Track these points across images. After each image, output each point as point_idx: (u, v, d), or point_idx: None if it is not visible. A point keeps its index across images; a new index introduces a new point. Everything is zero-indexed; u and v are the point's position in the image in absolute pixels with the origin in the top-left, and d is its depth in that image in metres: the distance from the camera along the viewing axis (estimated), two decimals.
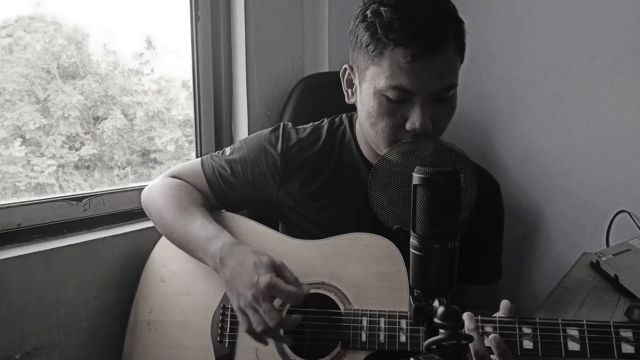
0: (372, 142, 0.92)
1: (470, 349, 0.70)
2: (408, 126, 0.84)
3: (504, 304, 0.77)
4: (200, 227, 0.92)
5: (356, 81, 0.91)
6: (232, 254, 0.85)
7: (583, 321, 0.75)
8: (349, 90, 0.95)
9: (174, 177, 1.05)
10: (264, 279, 0.80)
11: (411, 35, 0.78)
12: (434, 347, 0.51)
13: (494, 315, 0.79)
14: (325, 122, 1.05)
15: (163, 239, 1.03)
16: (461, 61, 0.87)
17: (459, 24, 0.85)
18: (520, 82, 1.45)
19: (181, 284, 0.99)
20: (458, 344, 0.50)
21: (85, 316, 1.00)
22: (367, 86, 0.86)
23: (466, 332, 0.72)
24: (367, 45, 0.83)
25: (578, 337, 0.74)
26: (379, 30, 0.80)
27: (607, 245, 1.34)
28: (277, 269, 0.83)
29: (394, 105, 0.83)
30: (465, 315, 0.73)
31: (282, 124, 1.05)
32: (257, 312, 0.80)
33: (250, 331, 0.82)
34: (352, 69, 0.92)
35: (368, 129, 0.90)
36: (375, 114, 0.85)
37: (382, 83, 0.82)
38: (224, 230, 0.92)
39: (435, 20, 0.80)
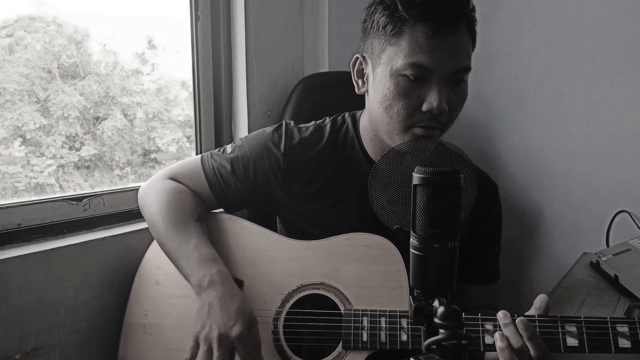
0: (385, 131, 0.91)
1: (503, 345, 0.71)
2: (425, 107, 0.84)
3: (542, 299, 0.77)
4: (194, 247, 0.90)
5: (368, 69, 0.91)
6: (225, 287, 0.84)
7: (581, 317, 0.75)
8: (359, 81, 0.95)
9: (172, 177, 1.02)
10: (237, 329, 0.79)
11: (431, 11, 0.81)
12: (434, 347, 0.51)
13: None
14: (328, 120, 1.05)
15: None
16: (473, 46, 0.89)
17: (473, 7, 0.87)
18: (520, 82, 1.45)
19: (177, 286, 0.97)
20: (458, 344, 0.50)
21: (85, 316, 1.00)
22: (383, 69, 0.86)
23: (502, 328, 0.73)
24: (385, 26, 0.85)
25: (576, 332, 0.75)
26: (399, 7, 0.82)
27: (607, 245, 1.34)
28: (253, 325, 0.82)
29: (411, 85, 0.84)
30: (500, 313, 0.74)
31: (284, 122, 1.04)
32: (210, 351, 0.79)
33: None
34: (363, 58, 0.93)
35: (381, 115, 0.89)
36: (391, 95, 0.85)
37: (400, 62, 0.83)
38: (219, 258, 0.91)
39: None
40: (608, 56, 1.33)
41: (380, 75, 0.87)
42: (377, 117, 0.91)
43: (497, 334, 0.72)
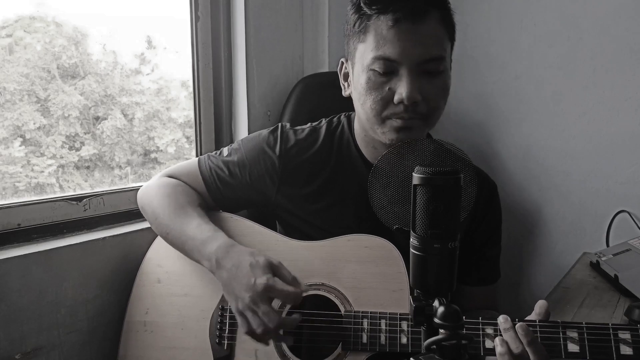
0: (368, 127, 0.92)
1: (503, 350, 0.70)
2: (396, 98, 0.84)
3: (542, 304, 0.76)
4: (196, 228, 0.91)
5: (350, 70, 0.93)
6: (228, 256, 0.85)
7: (582, 323, 0.75)
8: (345, 83, 0.97)
9: (170, 176, 1.04)
10: (261, 280, 0.79)
11: (392, 1, 0.82)
12: (434, 347, 0.51)
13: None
14: (324, 122, 1.05)
15: (158, 239, 1.02)
16: (450, 38, 0.88)
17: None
18: (520, 82, 1.45)
19: (178, 284, 0.98)
20: (458, 344, 0.50)
21: (85, 316, 1.00)
22: (357, 67, 0.88)
23: (502, 333, 0.72)
24: (354, 25, 0.87)
25: (577, 338, 0.74)
26: (361, 3, 0.84)
27: (607, 245, 1.34)
28: (274, 269, 0.82)
29: (381, 79, 0.85)
30: (501, 317, 0.74)
31: (280, 125, 1.05)
32: (256, 314, 0.79)
33: (250, 333, 0.82)
34: (346, 60, 0.94)
35: (360, 112, 0.91)
36: (363, 90, 0.86)
37: (368, 57, 0.84)
38: (220, 230, 0.92)
39: None
40: (608, 56, 1.33)
41: (356, 74, 0.89)
42: (359, 115, 0.93)
43: (497, 339, 0.72)
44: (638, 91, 1.30)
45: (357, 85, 0.89)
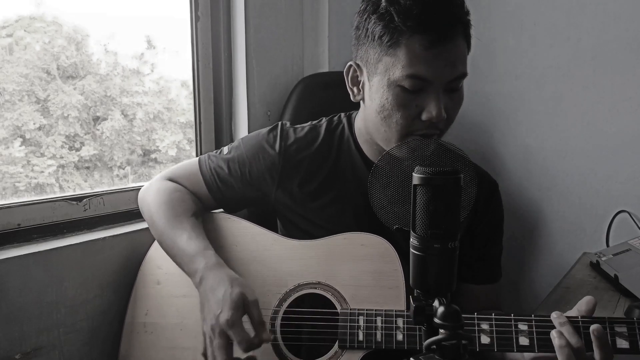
0: (382, 138, 0.91)
1: (562, 344, 0.71)
2: (424, 116, 0.84)
3: (590, 300, 0.76)
4: (187, 241, 0.91)
5: (364, 77, 0.91)
6: (209, 277, 0.84)
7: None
8: (355, 88, 0.94)
9: (170, 179, 1.04)
10: (224, 316, 0.78)
11: (428, 22, 0.80)
12: (434, 347, 0.51)
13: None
14: (324, 121, 1.05)
15: None
16: (468, 50, 0.89)
17: (467, 12, 0.87)
18: (520, 82, 1.45)
19: (177, 285, 0.98)
20: (458, 344, 0.50)
21: (85, 316, 1.00)
22: (380, 79, 0.86)
23: (557, 326, 0.73)
24: (381, 37, 0.83)
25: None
26: (395, 19, 0.81)
27: (607, 245, 1.34)
28: (246, 306, 0.80)
29: (409, 96, 0.84)
30: (554, 314, 0.75)
31: (280, 123, 1.05)
32: (212, 342, 0.79)
33: (204, 354, 0.82)
34: (357, 65, 0.92)
35: (379, 123, 0.89)
36: (389, 106, 0.85)
37: (398, 73, 0.82)
38: (209, 248, 0.90)
39: (448, 7, 0.82)
40: (608, 56, 1.33)
41: (377, 85, 0.87)
42: (374, 125, 0.91)
43: (553, 332, 0.73)
44: (638, 91, 1.30)
45: (378, 97, 0.87)
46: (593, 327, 0.71)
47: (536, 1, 1.40)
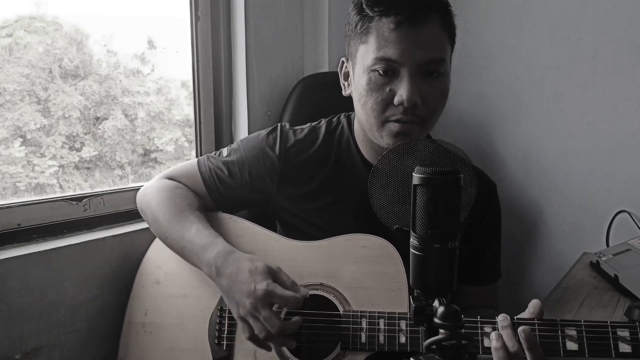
0: (367, 129, 0.92)
1: (497, 346, 0.72)
2: (396, 100, 0.85)
3: (536, 304, 0.77)
4: (196, 233, 0.91)
5: (351, 70, 0.93)
6: (228, 263, 0.85)
7: (581, 321, 0.75)
8: (345, 83, 0.97)
9: (170, 178, 1.04)
10: (261, 286, 0.80)
11: (395, 5, 0.82)
12: (434, 347, 0.51)
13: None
14: (323, 122, 1.05)
15: (157, 240, 1.02)
16: (451, 42, 0.89)
17: (445, 3, 0.88)
18: (520, 82, 1.45)
19: (177, 285, 0.98)
20: (458, 344, 0.50)
21: (85, 316, 1.00)
22: (358, 68, 0.89)
23: (499, 329, 0.74)
24: (356, 26, 0.87)
25: (576, 336, 0.75)
26: (364, 6, 0.85)
27: (607, 245, 1.34)
28: (274, 274, 0.83)
29: (382, 80, 0.86)
30: (500, 316, 0.75)
31: (279, 125, 1.05)
32: (258, 319, 0.80)
33: (253, 338, 0.82)
34: (347, 60, 0.95)
35: (360, 112, 0.91)
36: (364, 91, 0.87)
37: (370, 58, 0.85)
38: (219, 236, 0.91)
39: None
40: (608, 56, 1.33)
41: (357, 75, 0.90)
42: (359, 115, 0.94)
43: (493, 333, 0.73)
44: (638, 91, 1.30)
45: (357, 85, 0.89)
46: (520, 328, 0.72)
47: (536, 1, 1.40)
